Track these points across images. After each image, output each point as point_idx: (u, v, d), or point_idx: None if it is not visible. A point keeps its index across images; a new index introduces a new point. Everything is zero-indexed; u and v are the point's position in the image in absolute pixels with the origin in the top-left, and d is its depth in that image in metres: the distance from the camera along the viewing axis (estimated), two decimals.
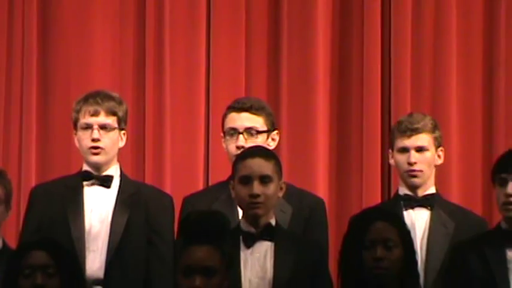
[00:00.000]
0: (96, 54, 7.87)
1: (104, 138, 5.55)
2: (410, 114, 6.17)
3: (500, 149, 7.04)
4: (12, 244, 5.65)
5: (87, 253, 5.53)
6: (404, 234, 4.66)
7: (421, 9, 7.85)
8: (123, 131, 5.68)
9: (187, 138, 7.54)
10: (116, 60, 7.92)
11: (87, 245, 5.57)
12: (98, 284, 5.44)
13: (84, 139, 5.62)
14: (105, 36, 7.93)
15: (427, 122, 5.96)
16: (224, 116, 5.78)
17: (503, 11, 7.90)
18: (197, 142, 7.37)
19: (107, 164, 5.69)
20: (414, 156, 5.77)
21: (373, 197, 7.17)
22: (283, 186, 5.12)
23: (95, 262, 5.44)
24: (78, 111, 5.64)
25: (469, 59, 7.76)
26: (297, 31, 7.71)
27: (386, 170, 7.48)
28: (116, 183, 5.68)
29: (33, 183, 7.10)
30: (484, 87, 7.84)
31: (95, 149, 5.58)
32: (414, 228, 5.66)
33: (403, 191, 5.83)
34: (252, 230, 4.93)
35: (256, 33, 7.81)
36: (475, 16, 7.96)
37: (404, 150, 5.78)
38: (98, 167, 5.62)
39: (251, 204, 5.01)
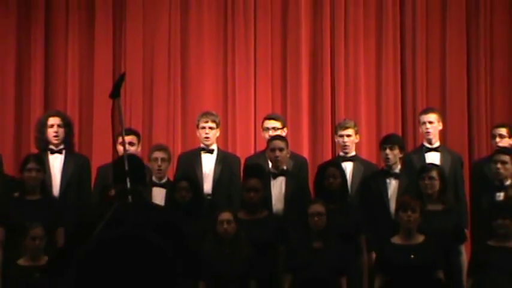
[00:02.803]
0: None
1: (210, 132, 8.64)
2: None
3: None
4: None
5: (205, 184, 8.49)
6: (342, 171, 8.01)
7: None
8: (218, 128, 8.66)
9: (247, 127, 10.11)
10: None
11: (205, 181, 8.49)
12: (208, 195, 8.44)
13: (201, 133, 8.68)
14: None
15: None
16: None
17: None
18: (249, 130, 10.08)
19: (212, 143, 8.71)
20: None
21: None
22: (289, 153, 8.45)
23: (208, 187, 8.52)
24: (199, 120, 8.71)
25: None
26: None
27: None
28: (215, 152, 8.70)
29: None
30: None
31: (206, 138, 8.68)
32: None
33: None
34: (275, 171, 8.36)
35: None
36: None
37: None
38: (207, 144, 8.67)
39: (275, 158, 8.34)
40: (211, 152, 8.77)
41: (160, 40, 10.30)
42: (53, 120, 8.58)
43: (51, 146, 8.53)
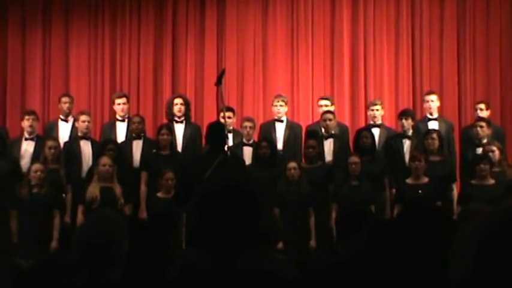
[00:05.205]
0: None
1: (281, 109, 8.63)
2: None
3: None
4: None
5: (278, 144, 8.34)
6: (372, 134, 8.00)
7: None
8: (286, 106, 8.61)
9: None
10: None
11: (278, 141, 8.37)
12: (280, 151, 8.35)
13: (275, 110, 8.53)
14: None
15: None
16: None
17: None
18: (308, 106, 9.91)
19: (282, 116, 8.59)
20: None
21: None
22: (336, 122, 8.38)
23: (280, 145, 8.37)
24: (273, 100, 8.67)
25: None
26: None
27: None
28: (285, 122, 8.54)
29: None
30: None
31: (279, 113, 8.53)
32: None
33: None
34: (326, 134, 8.30)
35: None
36: None
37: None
38: (279, 117, 8.54)
39: (326, 125, 8.28)
40: (282, 121, 8.70)
41: (248, 42, 10.17)
42: (177, 100, 8.62)
43: (176, 118, 8.56)
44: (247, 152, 8.14)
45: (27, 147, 8.13)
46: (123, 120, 8.56)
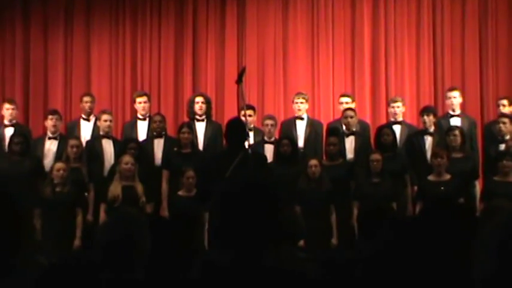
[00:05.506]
0: None
1: (302, 106, 8.63)
2: None
3: None
4: None
5: (299, 141, 8.33)
6: (393, 131, 8.00)
7: None
8: (307, 103, 8.61)
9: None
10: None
11: (299, 139, 8.39)
12: (301, 149, 8.31)
13: (296, 107, 8.56)
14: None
15: None
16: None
17: None
18: (329, 103, 9.87)
19: (303, 113, 8.55)
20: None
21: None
22: (357, 119, 8.37)
23: (301, 143, 8.38)
24: (294, 98, 8.65)
25: None
26: None
27: None
28: (305, 119, 8.54)
29: None
30: None
31: (299, 111, 8.51)
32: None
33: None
34: (347, 131, 8.31)
35: None
36: None
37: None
38: (300, 114, 8.52)
39: (347, 123, 8.32)
40: (302, 119, 8.66)
41: (268, 41, 10.16)
42: (199, 99, 8.61)
43: (197, 116, 8.55)
44: (269, 150, 8.12)
45: (51, 146, 8.20)
46: (144, 119, 8.59)
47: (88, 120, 8.74)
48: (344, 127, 8.41)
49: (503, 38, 9.82)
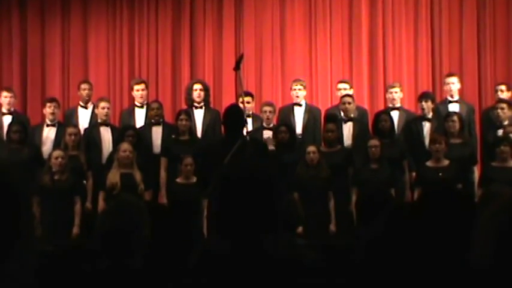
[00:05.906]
0: None
1: (300, 93, 8.60)
2: None
3: None
4: None
5: (297, 127, 8.28)
6: (391, 117, 7.95)
7: None
8: (305, 89, 8.60)
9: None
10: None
11: (296, 125, 8.38)
12: (299, 135, 8.31)
13: (294, 94, 8.51)
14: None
15: None
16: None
17: None
18: (327, 89, 9.81)
19: (301, 100, 8.52)
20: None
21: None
22: (355, 105, 8.34)
23: (299, 129, 8.36)
24: (292, 84, 8.64)
25: None
26: None
27: None
28: (303, 106, 8.52)
29: None
30: None
31: (297, 97, 8.46)
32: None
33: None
34: (345, 118, 8.26)
35: None
36: None
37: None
38: (298, 101, 8.49)
39: (345, 109, 8.24)
40: (301, 105, 8.61)
41: (266, 29, 10.08)
42: (197, 86, 8.56)
43: (195, 104, 8.51)
44: (267, 136, 8.10)
45: (49, 134, 8.20)
46: (142, 107, 8.57)
47: (86, 107, 8.72)
48: (342, 113, 8.37)
49: (501, 24, 9.77)
